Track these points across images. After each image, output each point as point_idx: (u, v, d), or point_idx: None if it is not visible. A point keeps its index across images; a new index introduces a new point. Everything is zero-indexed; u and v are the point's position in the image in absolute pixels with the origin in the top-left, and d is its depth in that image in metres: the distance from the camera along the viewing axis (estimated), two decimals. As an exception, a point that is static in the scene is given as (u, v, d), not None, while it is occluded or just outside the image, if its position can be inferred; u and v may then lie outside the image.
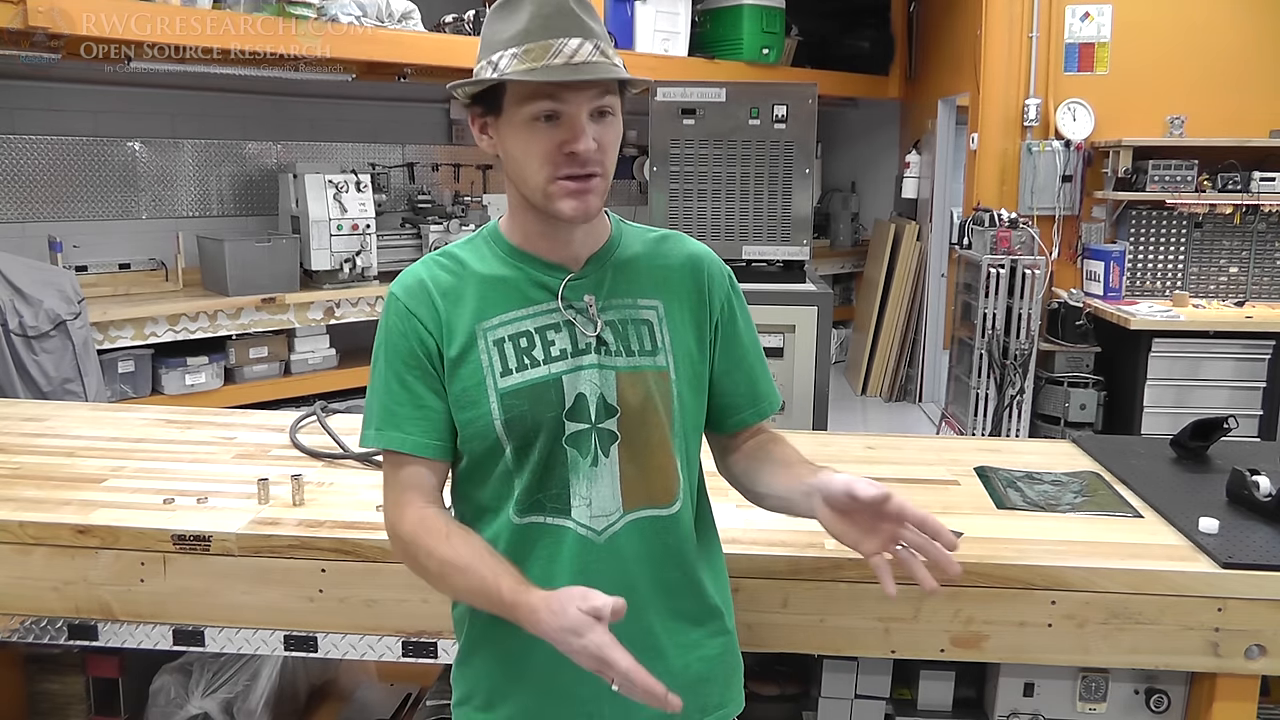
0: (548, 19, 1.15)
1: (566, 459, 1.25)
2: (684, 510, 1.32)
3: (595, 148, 1.18)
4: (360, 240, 4.83)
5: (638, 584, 1.27)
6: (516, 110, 1.18)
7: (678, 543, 1.31)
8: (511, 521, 1.27)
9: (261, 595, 1.77)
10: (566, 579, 1.25)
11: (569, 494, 1.25)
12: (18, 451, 2.21)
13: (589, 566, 1.26)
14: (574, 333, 1.26)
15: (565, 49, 1.15)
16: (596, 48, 1.17)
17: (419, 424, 1.26)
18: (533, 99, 1.16)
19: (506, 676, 1.31)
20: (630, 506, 1.28)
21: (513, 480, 1.27)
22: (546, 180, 1.19)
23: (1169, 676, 1.78)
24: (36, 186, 4.52)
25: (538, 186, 1.20)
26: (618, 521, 1.27)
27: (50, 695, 2.29)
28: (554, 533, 1.27)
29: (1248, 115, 5.20)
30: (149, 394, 4.30)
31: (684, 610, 1.33)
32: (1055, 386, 5.04)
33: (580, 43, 1.15)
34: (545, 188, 1.20)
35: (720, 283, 1.36)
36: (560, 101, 1.16)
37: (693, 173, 3.53)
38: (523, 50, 1.15)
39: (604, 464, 1.26)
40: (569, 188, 1.19)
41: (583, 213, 1.21)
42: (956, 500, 2.00)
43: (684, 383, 1.31)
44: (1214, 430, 2.22)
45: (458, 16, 4.95)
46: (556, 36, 1.15)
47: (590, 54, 1.16)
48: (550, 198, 1.20)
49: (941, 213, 6.54)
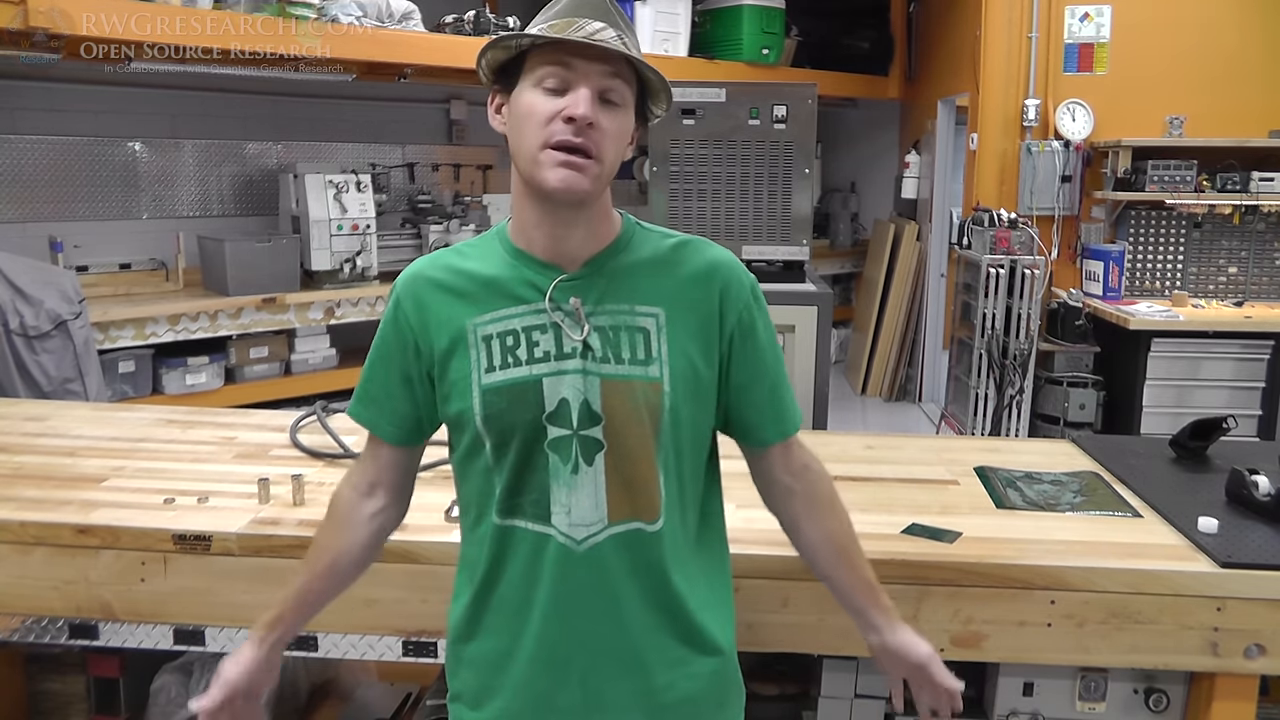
0: (580, 5, 1.21)
1: (547, 464, 1.24)
2: (669, 527, 1.28)
3: (594, 120, 1.18)
4: (360, 240, 4.83)
5: (621, 597, 1.26)
6: (529, 77, 1.21)
7: (662, 560, 1.27)
8: (494, 522, 1.28)
9: (262, 595, 1.76)
10: (547, 586, 1.25)
11: (549, 500, 1.24)
12: (18, 451, 2.21)
13: (569, 576, 1.25)
14: (560, 335, 1.25)
15: (588, 27, 1.18)
16: (619, 37, 1.20)
17: (383, 407, 1.34)
18: (545, 66, 1.20)
19: (491, 678, 1.32)
20: (615, 518, 1.25)
21: (493, 479, 1.27)
22: (539, 145, 1.19)
23: (1168, 676, 1.78)
24: (37, 186, 4.52)
25: (530, 152, 1.20)
26: (600, 532, 1.25)
27: (51, 695, 2.29)
28: (535, 539, 1.26)
29: (1247, 115, 5.21)
30: (149, 394, 4.30)
31: (670, 627, 1.29)
32: (1055, 386, 5.04)
33: (603, 26, 1.19)
34: (536, 154, 1.19)
35: (738, 293, 1.31)
36: (569, 69, 1.19)
37: (692, 173, 3.53)
38: (548, 25, 1.20)
39: (586, 472, 1.24)
40: (558, 157, 1.18)
41: (567, 186, 1.18)
42: (956, 500, 2.00)
43: (679, 395, 1.26)
44: (1213, 430, 2.23)
45: (458, 16, 4.95)
46: (583, 17, 1.20)
47: (610, 38, 1.19)
48: (539, 165, 1.19)
49: (941, 213, 6.54)
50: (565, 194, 1.20)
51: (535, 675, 1.28)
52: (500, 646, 1.30)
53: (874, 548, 1.73)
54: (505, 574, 1.28)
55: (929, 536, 1.79)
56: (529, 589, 1.27)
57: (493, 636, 1.31)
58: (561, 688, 1.28)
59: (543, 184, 1.20)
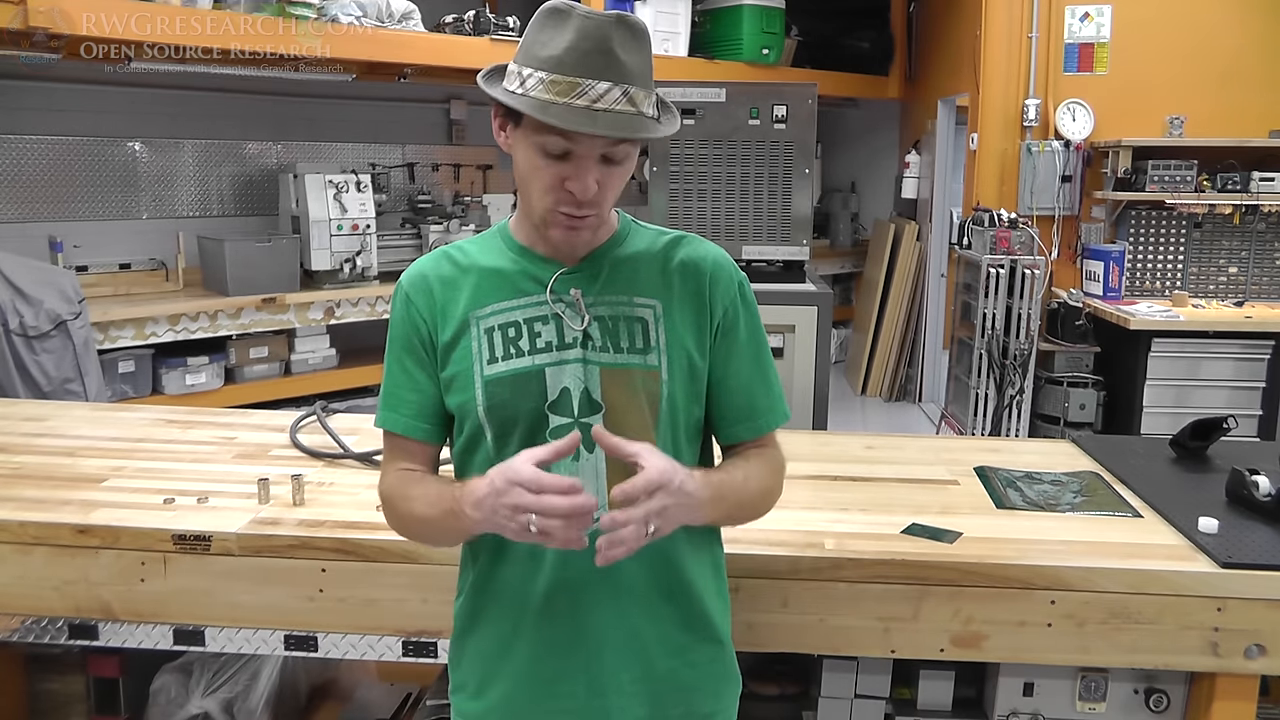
0: (584, 55, 1.13)
1: None
2: None
3: (595, 190, 1.19)
4: (360, 240, 4.83)
5: (622, 584, 1.27)
6: (532, 133, 1.19)
7: (663, 547, 1.26)
8: None
9: (262, 595, 1.77)
10: (548, 574, 1.27)
11: None
12: (18, 451, 2.21)
13: (571, 563, 1.26)
14: (561, 326, 1.27)
15: (591, 92, 1.13)
16: (625, 94, 1.15)
17: (411, 406, 1.32)
18: (547, 132, 1.16)
19: (492, 667, 1.33)
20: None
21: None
22: (546, 209, 1.23)
23: (1168, 676, 1.78)
24: (37, 186, 4.52)
25: (537, 210, 1.24)
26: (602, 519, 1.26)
27: (51, 695, 2.29)
28: None
29: (1247, 115, 5.20)
30: (149, 394, 4.30)
31: (671, 614, 1.32)
32: (1055, 386, 5.04)
33: (609, 88, 1.14)
34: (544, 214, 1.23)
35: (726, 289, 1.33)
36: (572, 142, 1.17)
37: (693, 173, 3.53)
38: (550, 80, 1.14)
39: (587, 460, 1.26)
40: (563, 221, 1.23)
41: (571, 245, 1.26)
42: (956, 500, 2.00)
43: (677, 384, 1.29)
44: (1213, 430, 2.23)
45: (458, 16, 4.94)
46: (586, 77, 1.13)
47: (616, 101, 1.14)
48: (546, 223, 1.25)
49: (941, 213, 6.54)
50: (569, 250, 1.27)
51: (537, 663, 1.30)
52: (502, 635, 1.31)
53: (874, 547, 1.74)
54: (507, 563, 1.29)
55: (929, 536, 1.79)
56: (531, 577, 1.28)
57: (494, 625, 1.32)
58: (563, 675, 1.29)
59: (548, 240, 1.26)
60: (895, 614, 1.70)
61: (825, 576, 1.70)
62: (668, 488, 1.13)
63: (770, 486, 1.36)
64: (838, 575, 1.69)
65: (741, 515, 1.35)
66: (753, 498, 1.33)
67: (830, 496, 2.01)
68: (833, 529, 1.82)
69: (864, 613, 1.70)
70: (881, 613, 1.70)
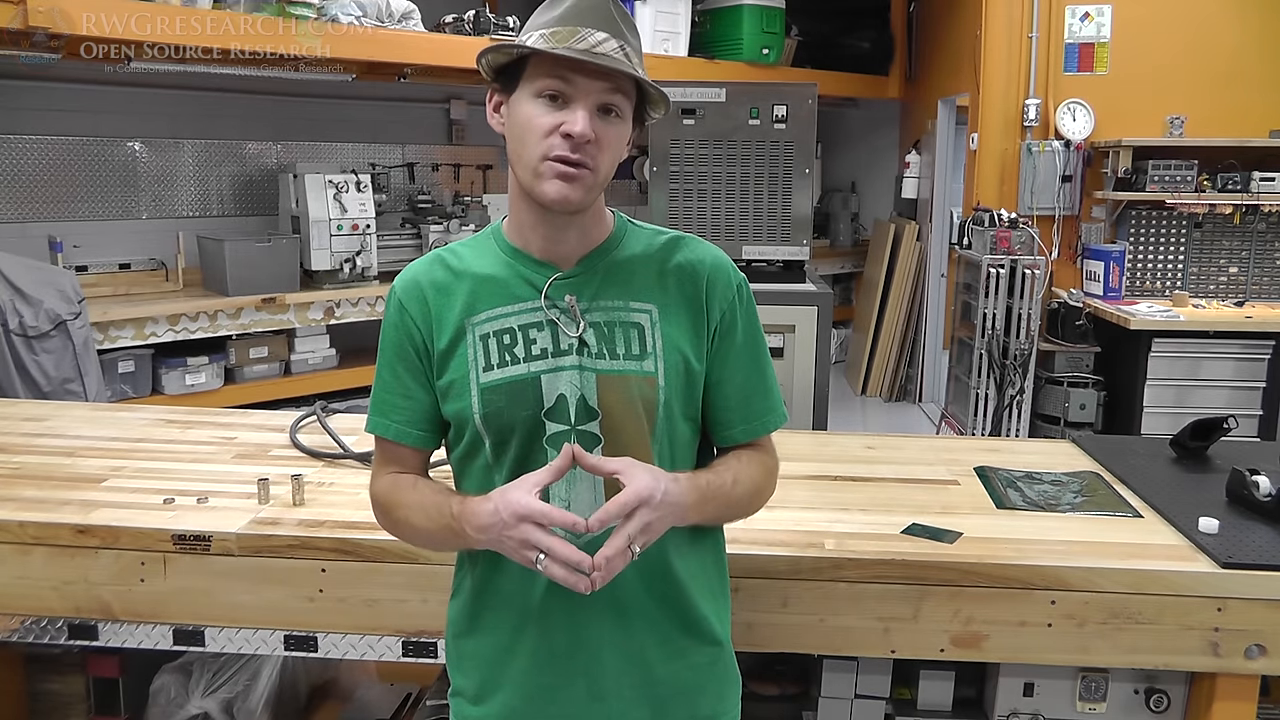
0: (582, 11, 1.19)
1: (546, 460, 1.24)
2: None
3: (591, 138, 1.19)
4: (360, 240, 4.83)
5: (622, 590, 1.26)
6: (529, 85, 1.21)
7: (662, 552, 1.26)
8: None
9: (261, 595, 1.77)
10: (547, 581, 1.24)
11: (548, 495, 1.23)
12: (18, 451, 2.21)
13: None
14: (556, 332, 1.26)
15: (590, 39, 1.18)
16: (621, 48, 1.19)
17: (403, 412, 1.31)
18: (544, 76, 1.19)
19: (491, 674, 1.32)
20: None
21: (492, 476, 1.27)
22: (539, 158, 1.20)
23: (1169, 676, 1.78)
24: (36, 186, 4.52)
25: (530, 163, 1.21)
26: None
27: (51, 695, 2.29)
28: None
29: (1247, 115, 5.20)
30: (149, 394, 4.30)
31: (671, 619, 1.31)
32: (1055, 386, 5.04)
33: (606, 37, 1.19)
34: (536, 165, 1.21)
35: (723, 291, 1.32)
36: (569, 84, 1.19)
37: (693, 173, 3.53)
38: (550, 32, 1.19)
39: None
40: (557, 169, 1.20)
41: (564, 198, 1.21)
42: (956, 500, 2.00)
43: (674, 390, 1.28)
44: (1214, 430, 2.23)
45: (458, 16, 4.95)
46: (586, 26, 1.18)
47: (612, 50, 1.18)
48: (538, 176, 1.21)
49: (941, 213, 6.54)
50: (561, 205, 1.22)
51: (536, 670, 1.29)
52: (500, 643, 1.31)
53: (874, 547, 1.73)
54: (505, 570, 1.29)
55: (929, 536, 1.78)
56: (528, 586, 1.27)
57: (493, 633, 1.32)
58: (563, 682, 1.29)
59: (540, 196, 1.22)
60: (895, 614, 1.70)
61: (825, 577, 1.69)
62: (649, 503, 1.15)
63: (761, 487, 1.36)
64: (838, 575, 1.69)
65: (730, 515, 1.36)
66: (741, 499, 1.33)
67: (830, 496, 2.01)
68: (833, 529, 1.82)
69: (864, 613, 1.70)
70: (881, 613, 1.70)
